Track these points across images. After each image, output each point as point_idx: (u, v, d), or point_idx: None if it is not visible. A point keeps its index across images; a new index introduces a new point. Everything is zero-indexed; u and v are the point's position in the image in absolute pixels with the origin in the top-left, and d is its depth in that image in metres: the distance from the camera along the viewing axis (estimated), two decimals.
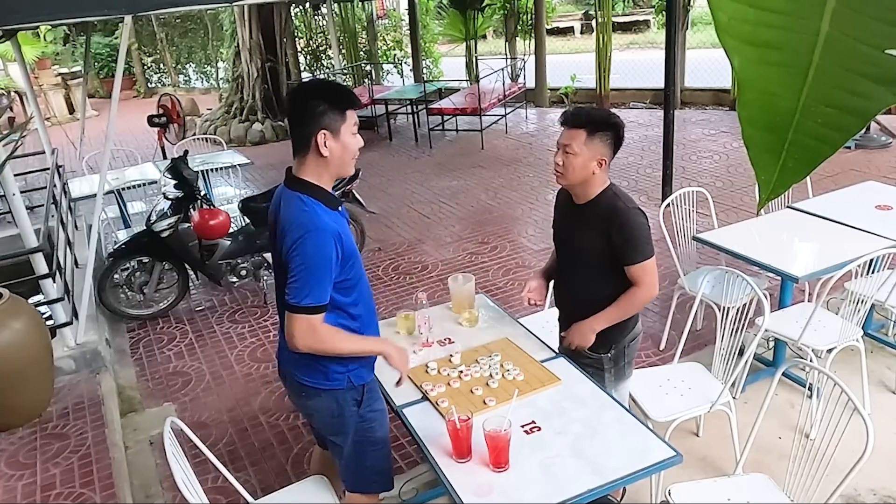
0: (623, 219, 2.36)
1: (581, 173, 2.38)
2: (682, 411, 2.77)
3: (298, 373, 2.20)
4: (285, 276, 2.03)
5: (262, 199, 5.03)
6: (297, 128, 2.04)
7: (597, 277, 2.48)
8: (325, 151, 2.02)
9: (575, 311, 2.56)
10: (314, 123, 2.00)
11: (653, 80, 10.02)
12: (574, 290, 2.59)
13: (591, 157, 2.35)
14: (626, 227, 2.35)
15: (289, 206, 2.04)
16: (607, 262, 2.42)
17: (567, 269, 2.62)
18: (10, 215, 4.68)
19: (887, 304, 3.41)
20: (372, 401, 2.26)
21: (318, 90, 2.06)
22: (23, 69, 6.97)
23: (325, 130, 2.00)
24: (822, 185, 5.34)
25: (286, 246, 1.99)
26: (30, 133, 6.98)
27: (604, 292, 2.47)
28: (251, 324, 4.78)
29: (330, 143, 2.02)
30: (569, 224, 2.56)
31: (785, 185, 0.67)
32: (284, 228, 2.02)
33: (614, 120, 2.38)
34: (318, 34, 13.46)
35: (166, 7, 5.68)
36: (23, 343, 3.46)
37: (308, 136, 2.01)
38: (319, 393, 2.19)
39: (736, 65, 0.64)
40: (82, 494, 3.06)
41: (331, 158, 2.04)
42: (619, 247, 2.37)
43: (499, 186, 7.24)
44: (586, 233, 2.45)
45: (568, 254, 2.59)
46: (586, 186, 2.42)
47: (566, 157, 2.37)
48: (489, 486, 1.98)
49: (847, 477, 1.99)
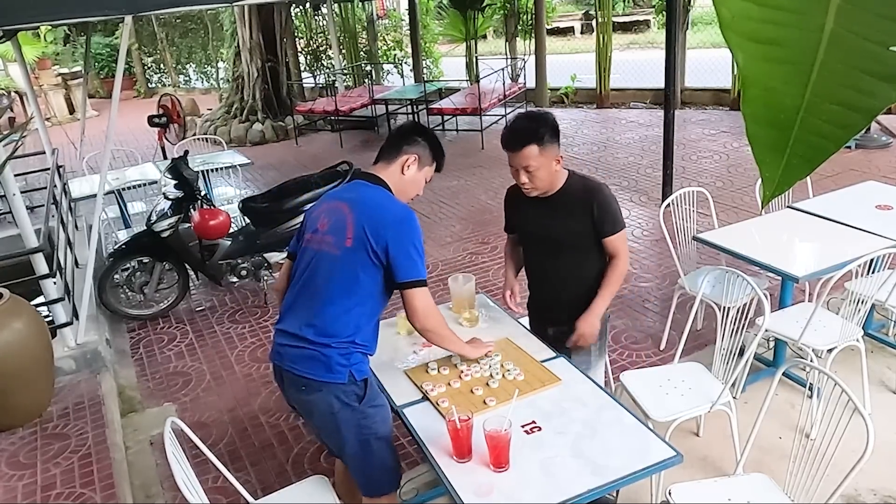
0: (600, 196, 2.55)
1: (548, 178, 2.53)
2: (682, 411, 2.77)
3: (298, 366, 2.19)
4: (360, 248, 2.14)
5: (262, 200, 5.03)
6: (398, 143, 2.34)
7: (585, 258, 2.63)
8: (406, 172, 2.33)
9: (562, 298, 2.71)
10: (414, 148, 2.33)
11: (653, 80, 10.02)
12: (561, 276, 2.70)
13: (549, 162, 2.49)
14: (605, 202, 2.54)
15: (378, 194, 2.26)
16: (590, 241, 2.58)
17: (545, 258, 2.72)
18: (10, 215, 4.68)
19: (887, 304, 3.41)
20: (373, 396, 2.26)
21: (431, 135, 2.42)
22: (23, 69, 6.97)
23: (417, 157, 2.33)
24: (823, 185, 5.34)
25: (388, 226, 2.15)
26: (30, 133, 6.97)
27: (593, 270, 2.65)
28: (251, 324, 4.77)
29: (413, 167, 2.34)
30: (542, 216, 2.65)
31: (789, 182, 0.67)
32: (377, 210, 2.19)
33: (547, 118, 2.52)
34: (318, 34, 13.45)
35: (166, 7, 5.67)
36: (23, 343, 3.46)
37: (403, 152, 2.32)
38: (320, 387, 2.18)
39: (740, 62, 0.64)
40: (82, 494, 3.05)
41: (405, 178, 2.33)
42: (599, 221, 2.54)
43: (499, 186, 7.24)
44: (565, 220, 2.58)
45: (545, 243, 2.69)
46: (553, 184, 2.58)
47: (530, 175, 2.50)
48: (489, 486, 1.97)
49: (847, 477, 1.99)
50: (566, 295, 2.69)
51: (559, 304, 2.73)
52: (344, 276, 2.17)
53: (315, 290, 2.21)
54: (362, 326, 2.22)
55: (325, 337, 2.16)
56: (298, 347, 2.18)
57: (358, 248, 2.15)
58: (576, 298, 2.64)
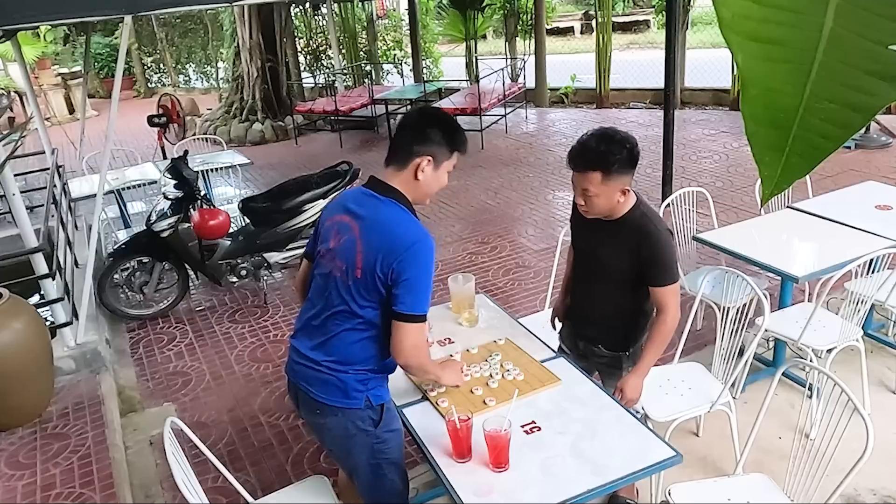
0: (654, 240, 2.33)
1: (607, 206, 2.34)
2: (682, 411, 2.77)
3: (314, 389, 2.12)
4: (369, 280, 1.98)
5: (262, 200, 5.03)
6: (408, 144, 2.09)
7: (621, 293, 2.49)
8: (420, 176, 2.07)
9: (596, 319, 2.61)
10: (425, 147, 2.07)
11: (653, 80, 10.02)
12: (599, 300, 2.59)
13: (612, 192, 2.29)
14: (657, 249, 2.33)
15: (390, 214, 2.05)
16: (632, 280, 2.42)
17: (589, 279, 2.60)
18: (10, 215, 4.67)
19: (887, 304, 3.41)
20: (390, 420, 2.19)
21: (442, 121, 2.14)
22: (23, 69, 6.96)
23: (430, 158, 2.07)
24: (822, 185, 5.34)
25: (396, 256, 1.96)
26: (30, 133, 6.97)
27: (631, 305, 2.50)
28: (251, 324, 4.77)
29: (427, 171, 2.08)
30: (593, 236, 2.50)
31: (788, 181, 0.67)
32: (385, 233, 2.00)
33: (626, 146, 2.25)
34: (318, 34, 13.45)
35: (166, 7, 5.68)
36: (23, 343, 3.46)
37: (414, 155, 2.07)
38: (336, 412, 2.11)
39: (739, 61, 0.64)
40: (82, 494, 3.05)
41: (421, 184, 2.09)
42: (647, 267, 2.35)
43: (499, 186, 7.24)
44: (613, 249, 2.42)
45: (591, 265, 2.57)
46: (613, 212, 2.39)
47: (588, 199, 2.31)
48: (489, 486, 1.97)
49: (847, 477, 1.99)
50: (600, 317, 2.59)
51: (591, 323, 2.65)
52: (355, 307, 2.04)
53: (329, 317, 2.09)
54: (378, 352, 2.12)
55: (341, 364, 2.09)
56: (313, 369, 2.11)
57: (367, 280, 2.01)
58: (609, 324, 2.57)
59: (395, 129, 2.17)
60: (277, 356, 4.28)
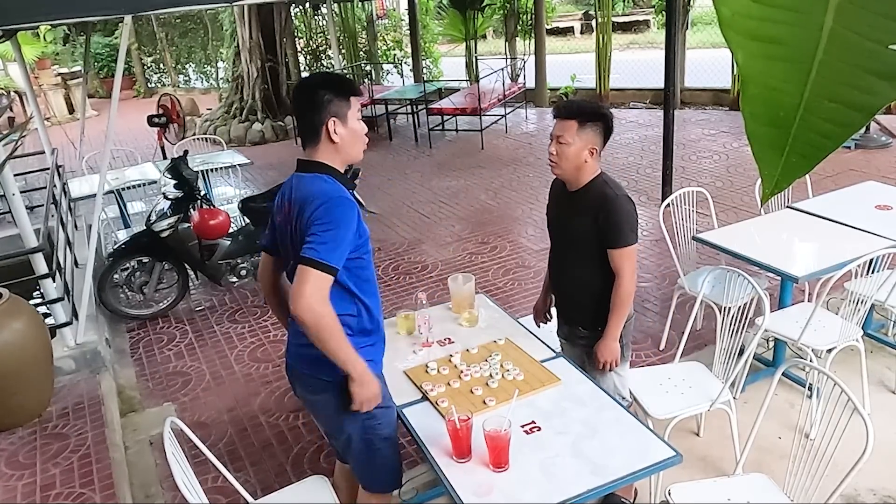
0: (611, 205, 2.47)
1: (574, 162, 2.49)
2: (682, 409, 2.77)
3: (305, 366, 2.19)
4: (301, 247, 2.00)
5: (262, 199, 5.02)
6: (307, 119, 2.12)
7: (586, 262, 2.59)
8: (336, 138, 2.10)
9: (568, 294, 2.73)
10: (323, 113, 2.08)
11: (653, 80, 10.01)
12: (567, 273, 2.70)
13: (582, 147, 2.46)
14: (614, 213, 2.47)
15: (309, 185, 2.08)
16: (596, 247, 2.53)
17: (561, 255, 2.72)
18: (10, 215, 4.67)
19: (887, 304, 3.41)
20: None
21: (322, 81, 2.16)
22: (23, 69, 6.97)
23: (334, 118, 2.09)
24: (822, 185, 5.34)
25: (307, 214, 2.00)
26: (30, 133, 6.98)
27: (593, 276, 2.59)
28: (251, 324, 4.77)
29: (340, 130, 2.10)
30: (562, 210, 2.67)
31: (788, 181, 0.67)
32: (304, 202, 2.04)
33: (603, 111, 2.52)
34: (318, 34, 13.45)
35: (166, 7, 5.68)
36: (23, 343, 3.46)
37: (318, 125, 2.09)
38: (327, 388, 2.16)
39: (740, 60, 0.64)
40: (82, 494, 3.05)
41: (342, 144, 2.12)
42: (604, 230, 2.48)
43: (499, 186, 7.24)
44: (577, 218, 2.56)
45: (561, 239, 2.71)
46: (579, 174, 2.53)
47: (559, 147, 2.49)
48: (489, 486, 1.97)
49: (847, 477, 1.99)
50: (574, 294, 2.70)
51: (569, 303, 2.75)
52: None
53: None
54: (351, 324, 2.14)
55: None
56: (305, 347, 2.13)
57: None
58: (582, 301, 2.65)
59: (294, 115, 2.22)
60: (277, 356, 4.28)
